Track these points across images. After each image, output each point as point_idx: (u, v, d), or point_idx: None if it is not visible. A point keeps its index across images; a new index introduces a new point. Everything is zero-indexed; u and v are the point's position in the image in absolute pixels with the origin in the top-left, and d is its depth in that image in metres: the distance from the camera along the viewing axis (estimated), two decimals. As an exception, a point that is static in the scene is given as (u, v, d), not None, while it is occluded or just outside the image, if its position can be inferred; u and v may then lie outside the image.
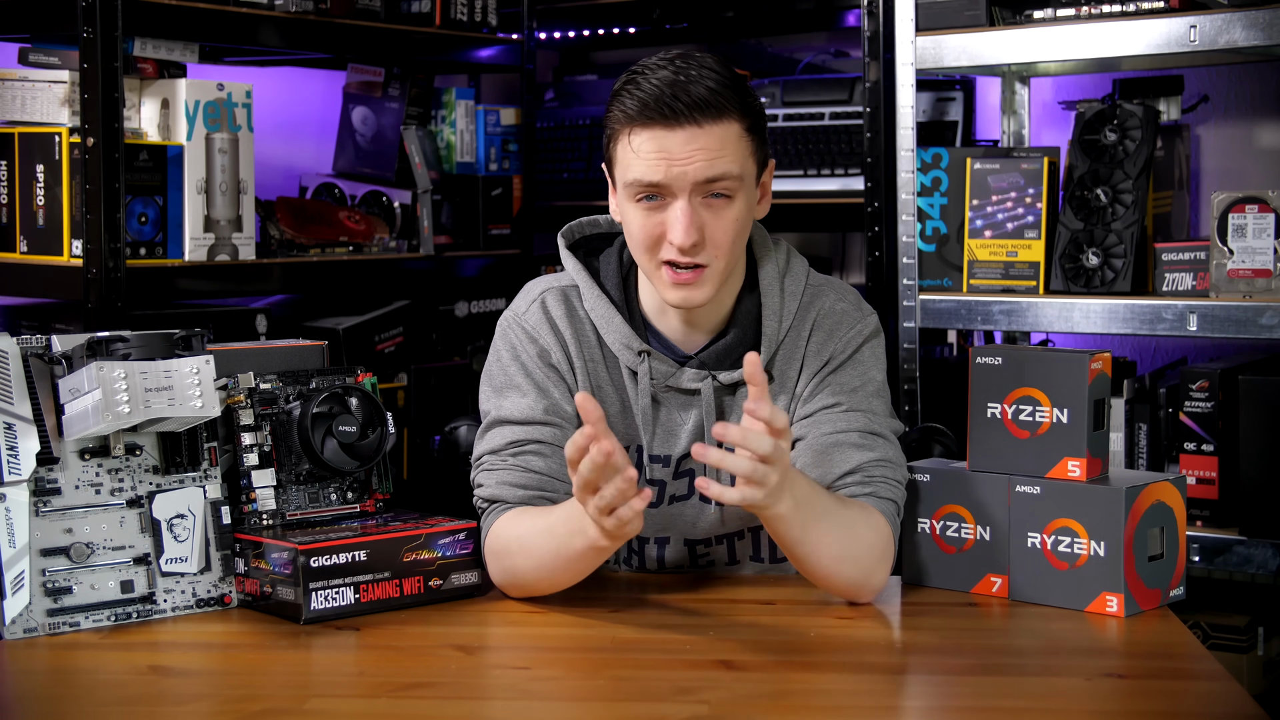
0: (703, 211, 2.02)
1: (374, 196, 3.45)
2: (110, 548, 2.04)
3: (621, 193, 2.07)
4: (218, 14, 2.95)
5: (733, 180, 2.02)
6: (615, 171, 2.08)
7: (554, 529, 1.99)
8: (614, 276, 2.18)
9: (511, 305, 2.22)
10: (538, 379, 2.15)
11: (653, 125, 2.00)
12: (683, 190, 2.01)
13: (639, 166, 2.01)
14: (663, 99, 1.99)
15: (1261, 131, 3.17)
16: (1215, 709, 1.74)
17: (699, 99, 1.99)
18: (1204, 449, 2.75)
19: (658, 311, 2.16)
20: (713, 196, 2.03)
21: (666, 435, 2.16)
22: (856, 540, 2.01)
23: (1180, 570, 2.09)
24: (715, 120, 2.00)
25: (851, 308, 2.19)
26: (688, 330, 2.15)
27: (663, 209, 2.03)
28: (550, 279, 2.23)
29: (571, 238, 2.24)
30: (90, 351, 2.01)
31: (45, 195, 2.80)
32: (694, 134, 2.00)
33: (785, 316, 2.16)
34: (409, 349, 3.42)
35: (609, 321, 2.15)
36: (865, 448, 2.09)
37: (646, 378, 2.14)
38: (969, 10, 2.91)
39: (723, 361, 2.14)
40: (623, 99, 2.03)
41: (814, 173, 3.31)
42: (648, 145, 2.01)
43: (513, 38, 3.62)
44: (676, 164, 2.00)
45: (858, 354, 2.16)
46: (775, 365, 2.16)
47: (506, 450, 2.13)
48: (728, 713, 1.69)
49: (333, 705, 1.75)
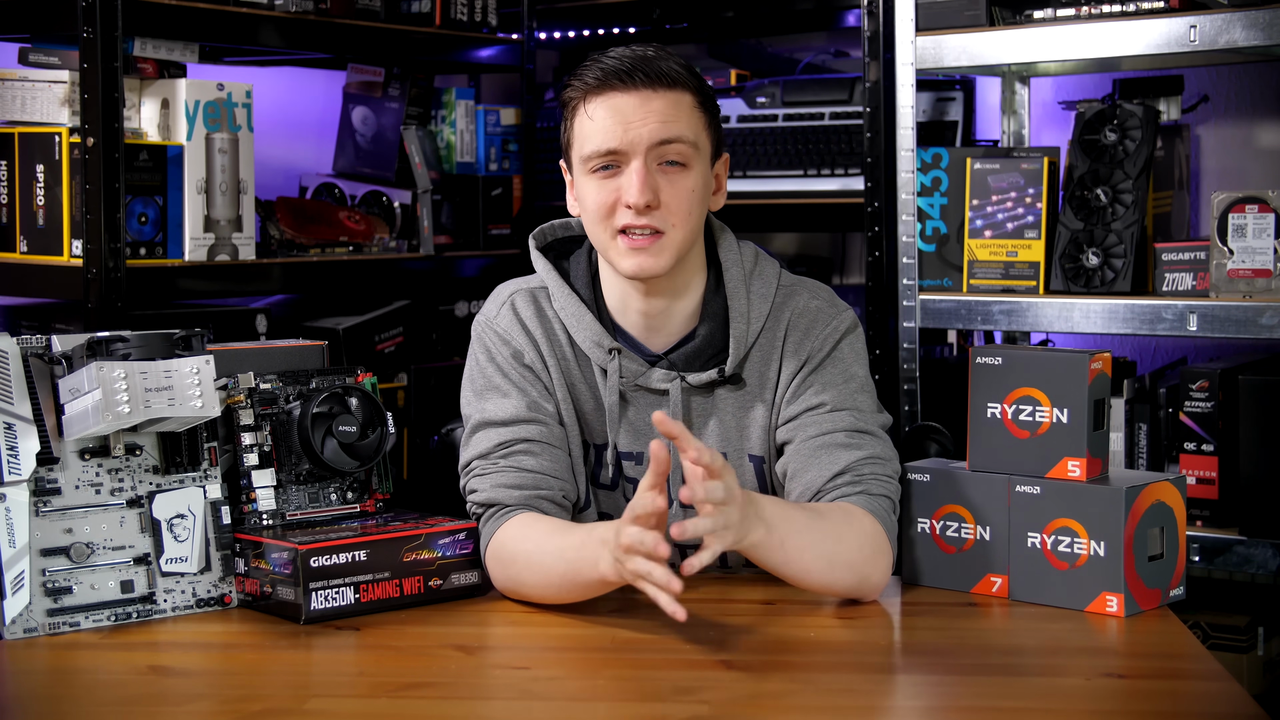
0: (658, 177, 2.07)
1: (374, 196, 3.45)
2: (110, 548, 2.04)
3: (579, 170, 2.11)
4: (218, 14, 2.95)
5: (687, 145, 2.07)
6: (572, 153, 2.12)
7: (565, 553, 1.99)
8: (583, 276, 2.20)
9: (483, 309, 2.25)
10: (515, 379, 2.17)
11: (608, 91, 2.06)
12: (637, 152, 2.06)
13: (596, 135, 2.06)
14: (619, 69, 2.07)
15: (1261, 131, 3.17)
16: (1215, 709, 1.74)
17: (655, 69, 2.07)
18: (1204, 449, 2.75)
19: (622, 309, 2.17)
20: (668, 164, 2.07)
21: (636, 433, 2.17)
22: (843, 545, 2.01)
23: (1180, 570, 2.09)
24: (669, 88, 2.07)
25: (826, 305, 2.19)
26: (653, 328, 2.16)
27: (617, 175, 2.07)
28: (519, 281, 2.25)
29: (543, 240, 2.26)
30: (90, 351, 2.01)
31: (45, 195, 2.80)
32: (648, 97, 2.06)
33: (754, 319, 2.16)
34: (409, 349, 3.42)
35: (579, 320, 2.16)
36: (853, 447, 2.09)
37: (616, 375, 2.15)
38: (969, 10, 2.91)
39: (691, 363, 2.15)
40: (580, 75, 2.10)
41: (814, 173, 3.31)
42: (602, 111, 2.06)
43: (513, 38, 3.61)
44: (632, 126, 2.05)
45: (836, 351, 2.16)
46: (748, 368, 2.16)
47: (495, 453, 2.13)
48: (728, 713, 1.69)
49: (333, 705, 1.75)
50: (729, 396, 2.16)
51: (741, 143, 3.38)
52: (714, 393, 2.16)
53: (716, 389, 2.16)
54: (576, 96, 2.09)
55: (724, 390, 2.16)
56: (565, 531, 2.02)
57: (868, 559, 2.03)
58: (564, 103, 2.12)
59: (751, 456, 2.17)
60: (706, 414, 2.16)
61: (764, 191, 3.35)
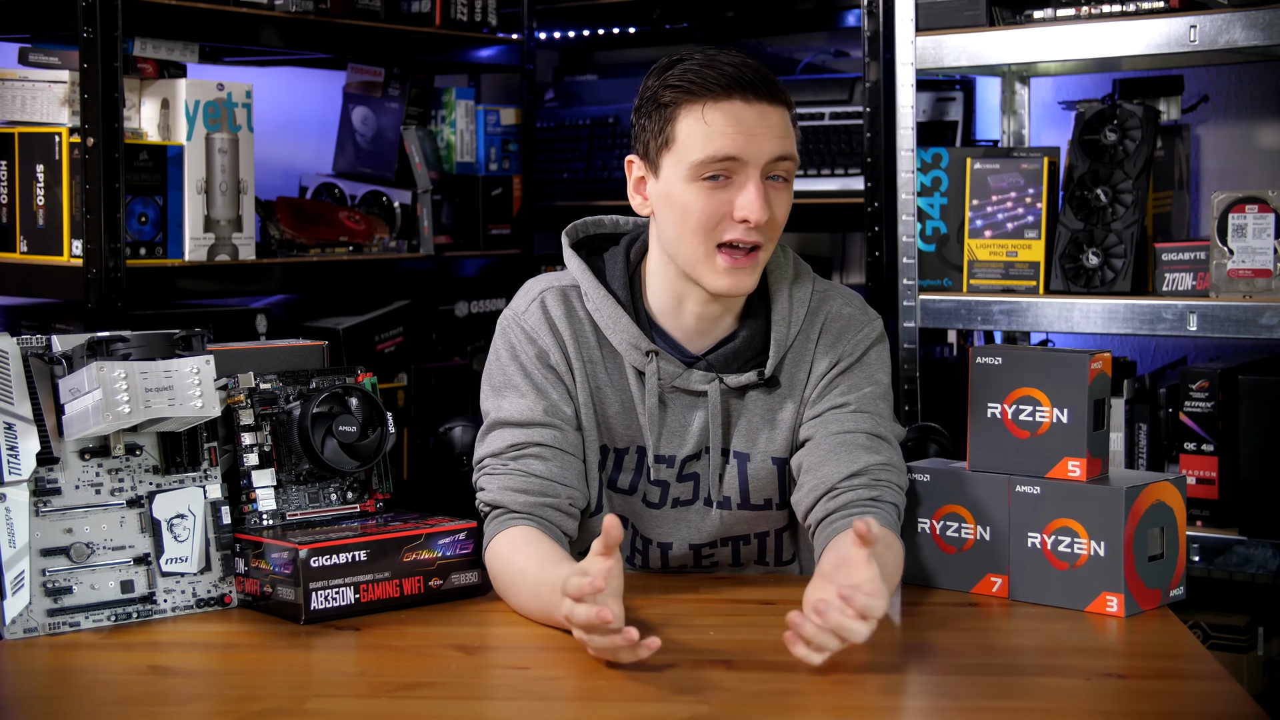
0: (768, 191, 2.04)
1: (374, 196, 3.45)
2: (110, 548, 2.04)
3: (676, 174, 2.05)
4: (218, 14, 2.95)
5: (793, 162, 2.06)
6: (670, 154, 2.06)
7: (540, 590, 1.96)
8: (620, 276, 2.17)
9: (511, 304, 2.21)
10: (536, 380, 2.15)
11: (729, 98, 2.02)
12: (756, 165, 2.02)
13: (716, 140, 2.02)
14: (743, 78, 2.02)
15: (1261, 131, 3.17)
16: (1215, 709, 1.74)
17: (771, 83, 2.04)
18: (1204, 449, 2.75)
19: (673, 311, 2.15)
20: (773, 179, 2.05)
21: (671, 436, 2.16)
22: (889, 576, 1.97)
23: (1180, 570, 2.09)
24: (780, 102, 2.05)
25: (858, 312, 2.19)
26: (698, 330, 2.15)
27: (727, 188, 2.03)
28: (550, 278, 2.22)
29: (575, 237, 2.23)
30: (90, 351, 2.01)
31: (45, 195, 2.80)
32: (766, 111, 2.03)
33: (794, 322, 2.16)
34: (409, 349, 3.42)
35: (616, 321, 2.14)
36: (872, 450, 2.09)
37: (654, 378, 2.13)
38: (969, 10, 2.91)
39: (730, 364, 2.14)
40: (684, 76, 2.04)
41: (814, 173, 3.31)
42: (723, 118, 2.02)
43: (513, 38, 3.61)
44: (755, 138, 2.02)
45: (865, 357, 2.16)
46: (784, 370, 2.16)
47: (507, 454, 2.13)
48: (728, 713, 1.69)
49: (333, 705, 1.75)
50: (760, 398, 2.15)
51: (741, 143, 3.37)
52: (746, 394, 2.15)
53: (749, 390, 2.15)
54: (685, 98, 2.03)
55: (756, 391, 2.15)
56: (546, 564, 1.99)
57: (892, 575, 2.03)
58: (662, 101, 2.05)
59: (775, 459, 2.16)
60: (737, 414, 2.15)
61: (764, 191, 3.35)
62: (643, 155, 2.10)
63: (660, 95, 2.06)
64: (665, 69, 2.07)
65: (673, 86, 2.05)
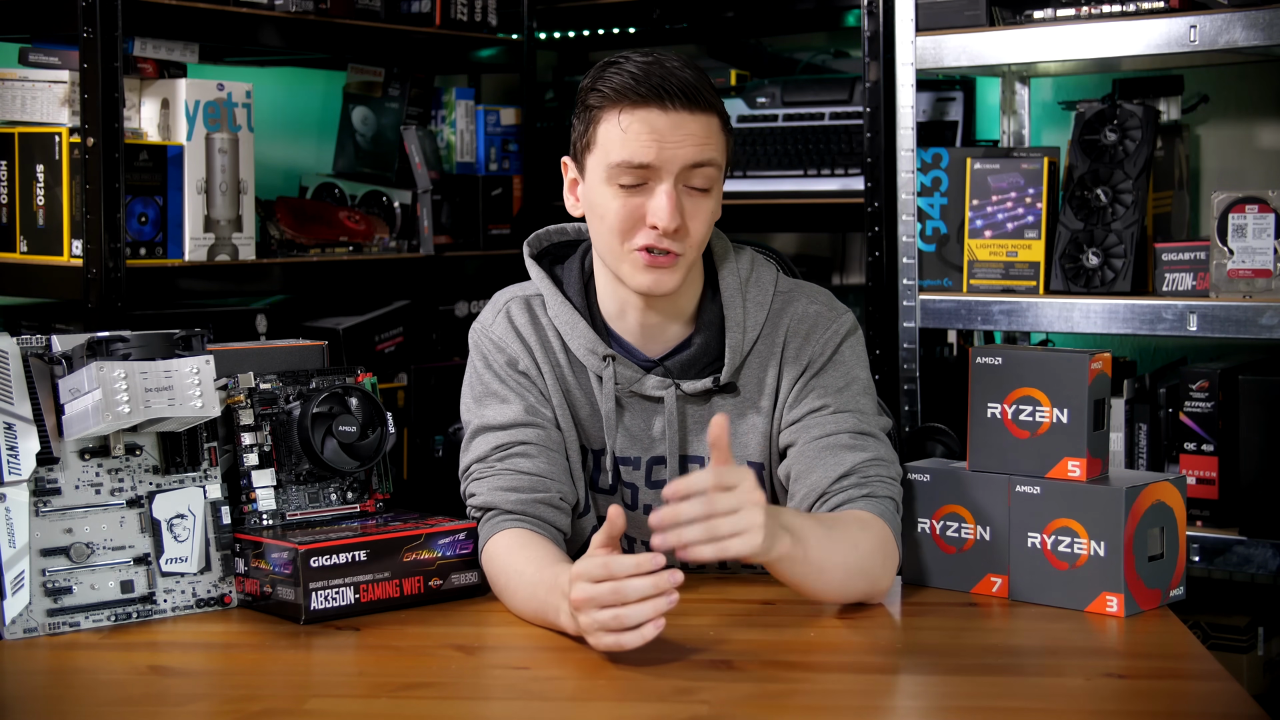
0: (684, 200, 2.04)
1: (374, 196, 3.45)
2: (110, 548, 2.04)
3: (597, 175, 2.07)
4: (218, 14, 2.95)
5: (714, 170, 2.05)
6: (591, 156, 2.08)
7: (536, 590, 1.97)
8: (576, 283, 2.19)
9: (480, 316, 2.25)
10: (512, 385, 2.17)
11: (645, 105, 2.02)
12: (669, 173, 2.03)
13: (630, 146, 2.03)
14: (654, 82, 2.02)
15: (1261, 131, 3.17)
16: (1215, 709, 1.74)
17: (693, 91, 2.03)
18: (1204, 449, 2.75)
19: (617, 315, 2.16)
20: (691, 187, 2.05)
21: (633, 441, 2.17)
22: (859, 553, 2.00)
23: (1180, 570, 2.09)
24: (702, 110, 2.04)
25: (825, 309, 2.18)
26: (648, 334, 2.16)
27: (642, 193, 2.04)
28: (516, 288, 2.25)
29: (538, 246, 2.26)
30: (90, 351, 2.01)
31: (45, 195, 2.80)
32: (683, 119, 2.02)
33: (750, 327, 2.15)
34: (409, 349, 3.42)
35: (573, 327, 2.16)
36: (858, 448, 2.09)
37: (611, 382, 2.14)
38: (969, 10, 2.91)
39: (687, 370, 2.15)
40: (608, 81, 2.05)
41: (814, 173, 3.31)
42: (638, 125, 2.02)
43: (513, 38, 3.61)
44: (668, 146, 2.02)
45: (837, 354, 2.15)
46: (744, 376, 2.15)
47: (493, 456, 2.14)
48: (728, 713, 1.69)
49: (333, 705, 1.75)
50: (724, 404, 2.15)
51: (741, 143, 3.38)
52: (710, 400, 2.16)
53: (713, 396, 2.16)
54: (606, 103, 2.05)
55: (720, 398, 2.16)
56: (540, 565, 2.00)
57: (880, 564, 2.02)
58: (588, 104, 2.07)
59: (750, 463, 2.16)
60: (702, 421, 2.16)
61: (764, 191, 3.35)
62: (574, 157, 2.13)
63: (587, 98, 2.08)
64: (598, 72, 2.08)
65: (597, 90, 2.06)
